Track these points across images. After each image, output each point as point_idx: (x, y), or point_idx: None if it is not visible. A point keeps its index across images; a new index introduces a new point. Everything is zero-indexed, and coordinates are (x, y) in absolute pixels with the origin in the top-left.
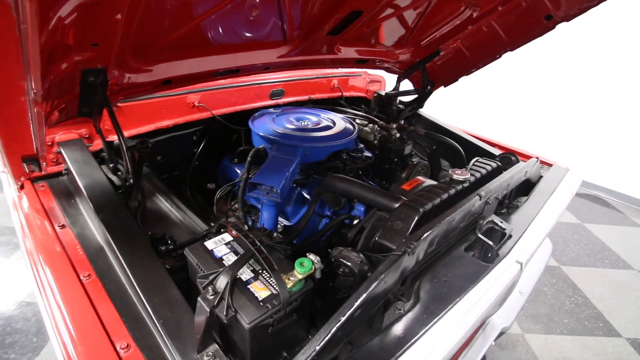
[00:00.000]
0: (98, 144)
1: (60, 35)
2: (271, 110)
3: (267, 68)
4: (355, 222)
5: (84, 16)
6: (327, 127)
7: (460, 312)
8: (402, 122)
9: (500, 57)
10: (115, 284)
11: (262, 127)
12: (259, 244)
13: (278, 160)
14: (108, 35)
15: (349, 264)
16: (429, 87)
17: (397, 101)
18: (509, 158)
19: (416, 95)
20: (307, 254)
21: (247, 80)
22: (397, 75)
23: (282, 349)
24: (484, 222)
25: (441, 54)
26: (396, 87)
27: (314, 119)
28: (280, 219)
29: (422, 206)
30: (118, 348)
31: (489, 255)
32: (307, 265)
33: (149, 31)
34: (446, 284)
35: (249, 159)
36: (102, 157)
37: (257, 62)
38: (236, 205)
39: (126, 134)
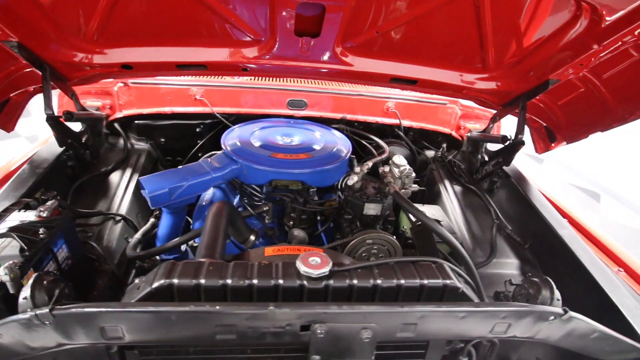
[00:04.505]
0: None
1: None
2: (259, 120)
3: (246, 69)
4: None
5: None
6: (300, 150)
7: None
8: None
9: None
10: None
11: (232, 133)
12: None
13: (191, 168)
14: None
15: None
16: (519, 137)
17: (484, 148)
18: (533, 284)
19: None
20: (15, 262)
21: (262, 84)
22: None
23: None
24: None
25: (553, 87)
26: (486, 129)
27: (305, 138)
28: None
29: (179, 276)
30: None
31: None
32: None
33: (72, 12)
34: None
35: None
36: (113, 126)
37: (225, 59)
38: None
39: (130, 112)
